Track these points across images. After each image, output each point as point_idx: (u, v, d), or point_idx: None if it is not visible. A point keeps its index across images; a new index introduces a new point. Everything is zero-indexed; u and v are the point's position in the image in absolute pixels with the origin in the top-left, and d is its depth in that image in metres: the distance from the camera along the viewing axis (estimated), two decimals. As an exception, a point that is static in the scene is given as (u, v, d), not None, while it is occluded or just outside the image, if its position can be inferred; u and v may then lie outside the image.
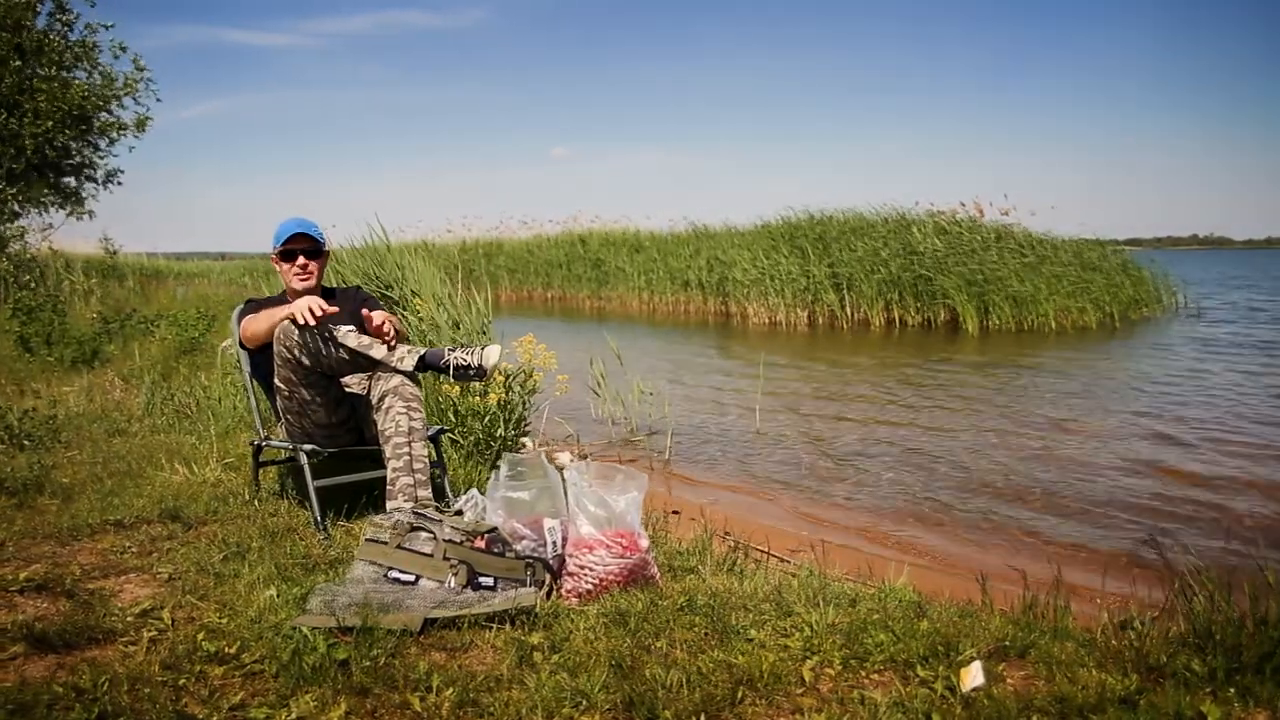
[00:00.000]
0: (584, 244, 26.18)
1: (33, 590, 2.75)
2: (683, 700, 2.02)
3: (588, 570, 2.70)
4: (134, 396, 6.27)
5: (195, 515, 3.54)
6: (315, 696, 2.05)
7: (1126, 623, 2.35)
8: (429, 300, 5.47)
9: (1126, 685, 1.98)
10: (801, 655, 2.25)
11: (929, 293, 16.39)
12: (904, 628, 2.35)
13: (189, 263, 40.03)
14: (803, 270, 17.83)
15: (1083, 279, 16.21)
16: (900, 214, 18.28)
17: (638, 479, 2.82)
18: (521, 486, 2.81)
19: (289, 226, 3.67)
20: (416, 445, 3.25)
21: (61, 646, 2.34)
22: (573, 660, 2.24)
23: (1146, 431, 6.97)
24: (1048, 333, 15.05)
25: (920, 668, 2.15)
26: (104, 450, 4.71)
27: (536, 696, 2.05)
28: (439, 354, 3.38)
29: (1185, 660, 2.07)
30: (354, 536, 3.34)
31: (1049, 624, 2.49)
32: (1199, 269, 36.70)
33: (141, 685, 2.09)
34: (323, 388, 3.36)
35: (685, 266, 21.48)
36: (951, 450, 6.45)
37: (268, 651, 2.28)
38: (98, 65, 14.18)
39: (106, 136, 14.39)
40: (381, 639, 2.33)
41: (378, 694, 2.08)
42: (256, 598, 2.65)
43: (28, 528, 3.39)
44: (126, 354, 8.33)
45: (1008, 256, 16.10)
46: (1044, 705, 1.95)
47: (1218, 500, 5.11)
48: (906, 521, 4.90)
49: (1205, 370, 10.22)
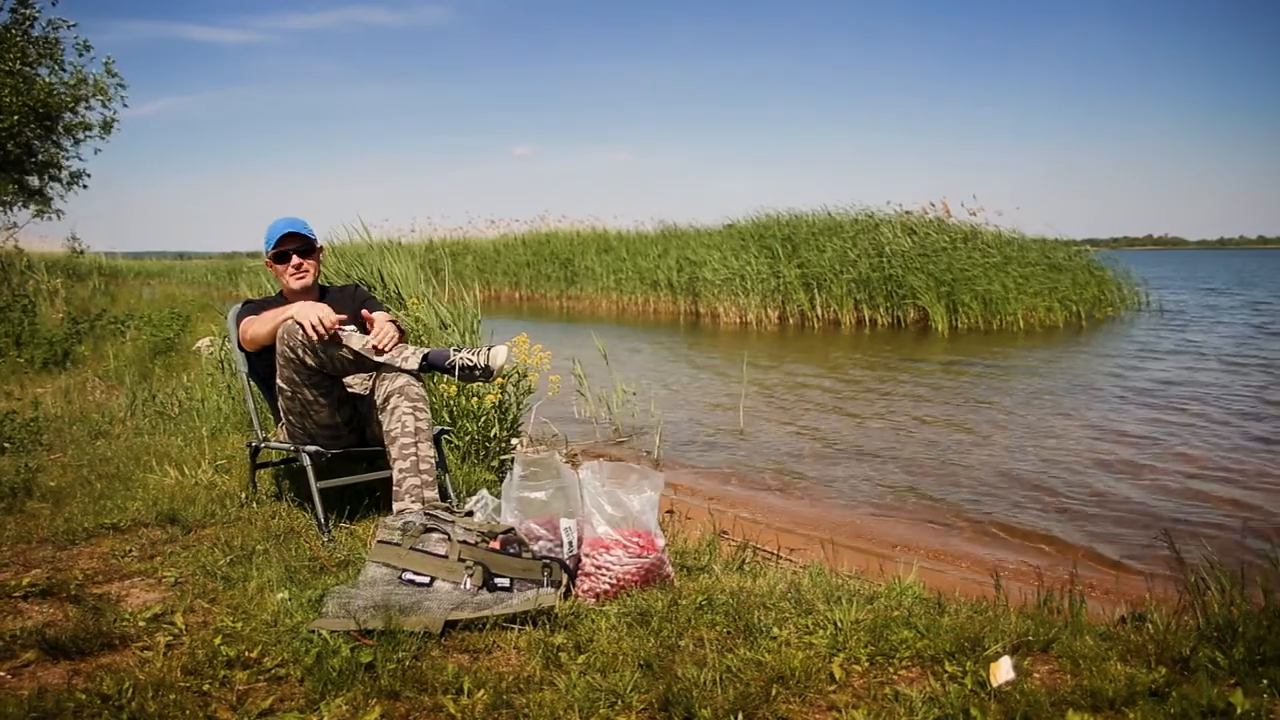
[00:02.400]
0: (552, 243, 26.11)
1: (37, 596, 2.70)
2: (718, 698, 2.02)
3: (605, 570, 2.70)
4: (114, 398, 6.16)
5: (193, 518, 3.48)
6: (346, 700, 2.03)
7: (1143, 616, 2.39)
8: (421, 301, 5.42)
9: (1154, 678, 2.01)
10: (828, 652, 2.26)
11: (898, 292, 16.54)
12: (926, 624, 2.37)
13: (149, 262, 39.46)
14: (773, 270, 17.91)
15: (1050, 279, 16.44)
16: (869, 214, 18.44)
17: (652, 478, 2.82)
18: (537, 487, 2.80)
19: (279, 227, 3.61)
20: (423, 446, 3.22)
21: (75, 653, 2.29)
22: (601, 660, 2.23)
23: (1141, 428, 7.09)
24: (1016, 332, 15.24)
25: (948, 663, 2.17)
26: (88, 453, 4.62)
27: (569, 697, 2.04)
28: (444, 354, 3.35)
29: (1208, 653, 2.10)
30: (357, 538, 3.30)
31: (1064, 619, 2.52)
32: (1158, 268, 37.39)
33: (165, 691, 2.06)
34: (326, 388, 3.32)
35: (655, 266, 21.49)
36: (938, 448, 6.51)
37: (290, 655, 2.26)
38: (63, 64, 13.94)
39: (72, 136, 14.13)
40: (404, 642, 2.31)
41: (409, 697, 2.06)
42: (269, 601, 2.61)
43: (21, 532, 3.32)
44: (98, 355, 8.18)
45: (976, 256, 16.29)
46: (1075, 699, 1.98)
47: (1217, 494, 5.21)
48: (900, 519, 4.94)
49: (1183, 367, 10.44)
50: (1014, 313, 15.76)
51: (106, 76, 14.24)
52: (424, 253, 25.71)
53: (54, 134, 14.09)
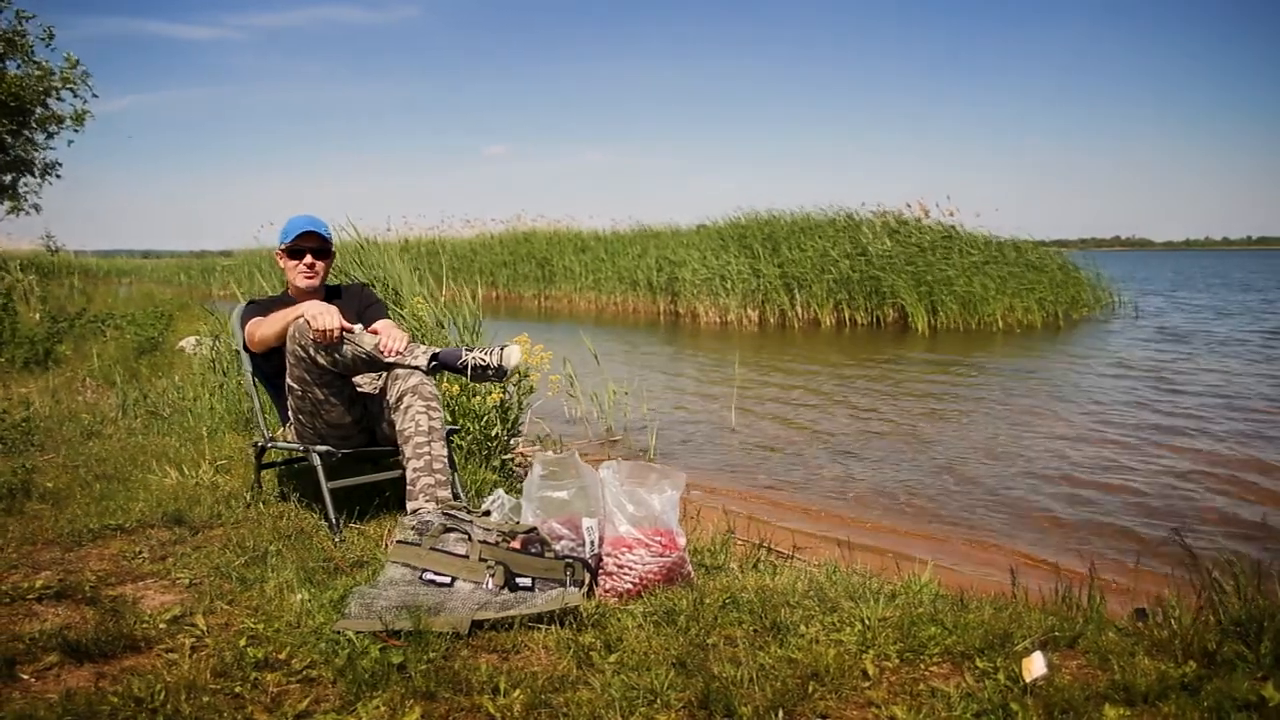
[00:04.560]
0: (529, 243, 26.05)
1: (51, 598, 2.66)
2: (756, 696, 2.03)
3: (627, 569, 2.70)
4: (103, 398, 6.08)
5: (200, 519, 3.45)
6: (384, 701, 2.02)
7: (1146, 613, 2.42)
8: (425, 300, 5.40)
9: (1184, 673, 2.03)
10: (858, 649, 2.27)
11: (878, 292, 16.64)
12: (953, 620, 2.39)
13: (118, 260, 38.96)
14: (753, 270, 17.97)
15: (1028, 279, 16.61)
16: (848, 214, 18.55)
17: (673, 477, 2.82)
18: (559, 486, 2.80)
19: (299, 223, 3.59)
20: (436, 445, 3.20)
21: (98, 655, 2.26)
22: (633, 659, 2.23)
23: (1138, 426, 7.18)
24: (995, 332, 15.39)
25: (978, 659, 2.19)
26: (82, 453, 4.56)
27: (607, 696, 2.04)
28: (455, 354, 3.32)
29: (1233, 648, 2.14)
30: (368, 538, 3.29)
31: (1083, 614, 2.55)
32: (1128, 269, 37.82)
33: (198, 694, 2.04)
34: (337, 388, 3.30)
35: (634, 266, 21.49)
36: (937, 447, 6.56)
37: (319, 657, 2.24)
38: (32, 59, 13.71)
39: (44, 130, 13.92)
40: (433, 642, 2.30)
41: (446, 697, 2.05)
42: (289, 602, 2.59)
43: (25, 533, 3.27)
44: (80, 354, 8.07)
45: (955, 257, 16.43)
46: (1108, 693, 2.00)
47: (1222, 489, 5.30)
48: (905, 517, 4.98)
49: (1165, 365, 10.61)
50: (993, 313, 15.91)
51: (70, 68, 14.04)
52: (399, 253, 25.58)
53: (26, 128, 13.87)
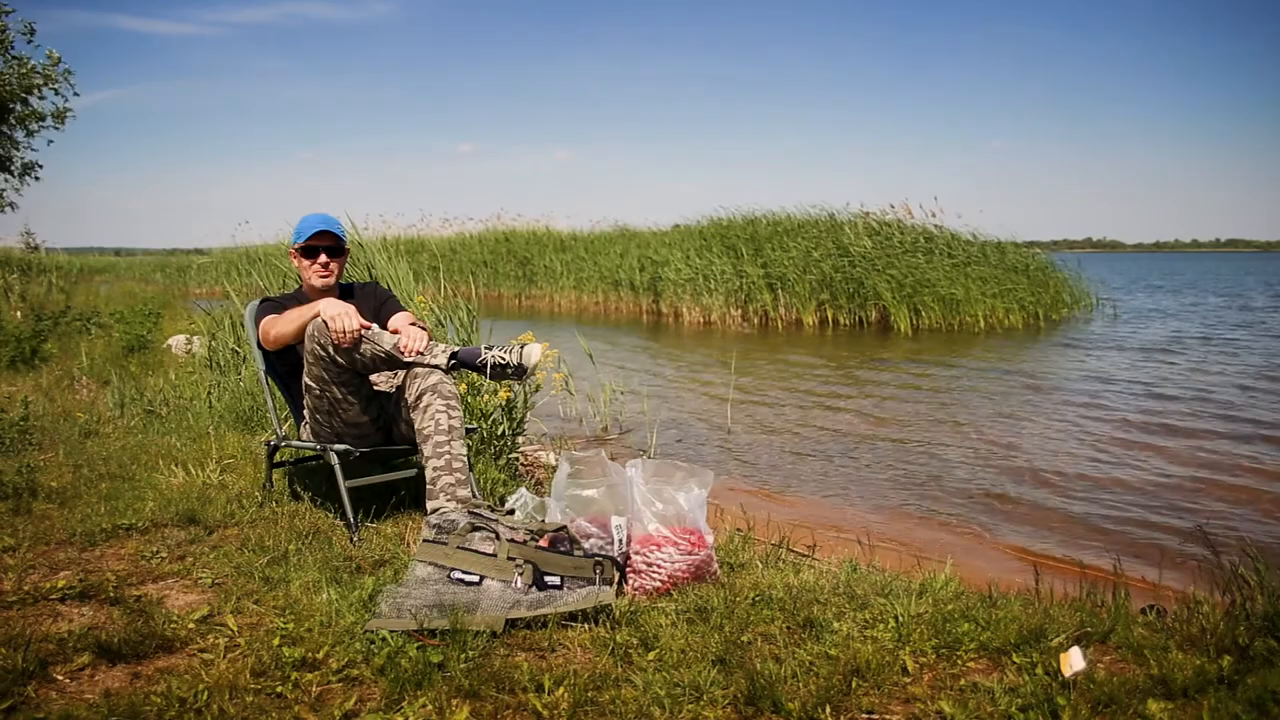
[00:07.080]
0: (509, 242, 26.01)
1: (75, 598, 2.64)
2: (800, 692, 2.04)
3: (657, 568, 2.70)
4: (98, 396, 6.01)
5: (213, 519, 3.42)
6: (429, 699, 2.01)
7: (1193, 608, 2.46)
8: (428, 300, 5.37)
9: (1221, 666, 2.07)
10: (894, 645, 2.29)
11: (861, 293, 16.73)
12: (985, 617, 2.42)
13: (92, 258, 38.54)
14: (736, 270, 18.02)
15: (1009, 280, 16.75)
16: (830, 215, 18.64)
17: (700, 475, 2.83)
18: (587, 485, 2.80)
19: (313, 222, 3.57)
20: (456, 444, 3.19)
21: (130, 656, 2.25)
22: (672, 657, 2.24)
23: (1126, 424, 7.25)
24: (977, 332, 15.51)
25: (1015, 655, 2.22)
26: (82, 452, 4.50)
27: (651, 693, 2.04)
28: (474, 352, 3.31)
29: (1265, 643, 2.17)
30: (385, 537, 3.27)
31: (1108, 610, 2.57)
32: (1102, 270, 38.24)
33: (241, 694, 2.02)
34: (355, 386, 3.28)
35: (616, 266, 21.50)
36: (936, 446, 6.60)
37: (357, 656, 2.23)
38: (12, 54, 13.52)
39: (24, 128, 13.73)
40: (470, 641, 2.29)
41: (491, 695, 2.05)
42: (316, 602, 2.58)
43: (37, 533, 3.23)
44: (66, 353, 7.97)
45: (937, 259, 16.54)
46: (1146, 688, 2.03)
47: (1221, 487, 5.37)
48: (910, 515, 4.99)
49: (1151, 364, 10.76)
50: (975, 314, 16.04)
51: (52, 65, 13.87)
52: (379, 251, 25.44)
53: (5, 124, 13.68)
